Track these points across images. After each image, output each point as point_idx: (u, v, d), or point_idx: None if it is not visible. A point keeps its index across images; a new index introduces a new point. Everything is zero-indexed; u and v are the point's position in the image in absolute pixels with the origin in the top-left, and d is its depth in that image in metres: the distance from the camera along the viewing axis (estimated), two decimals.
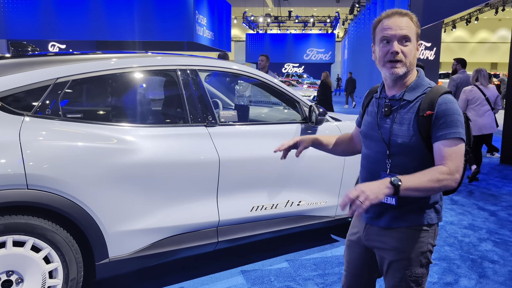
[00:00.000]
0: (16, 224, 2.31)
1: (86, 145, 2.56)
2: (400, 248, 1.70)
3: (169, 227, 2.87)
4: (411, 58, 1.67)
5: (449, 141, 1.59)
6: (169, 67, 3.10)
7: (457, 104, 1.64)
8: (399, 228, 1.71)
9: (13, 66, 2.56)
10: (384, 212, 1.73)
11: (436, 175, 1.55)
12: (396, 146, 1.67)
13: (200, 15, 13.44)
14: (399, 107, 1.69)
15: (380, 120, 1.74)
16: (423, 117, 1.62)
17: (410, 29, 1.66)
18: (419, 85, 1.70)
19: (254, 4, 32.82)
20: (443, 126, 1.60)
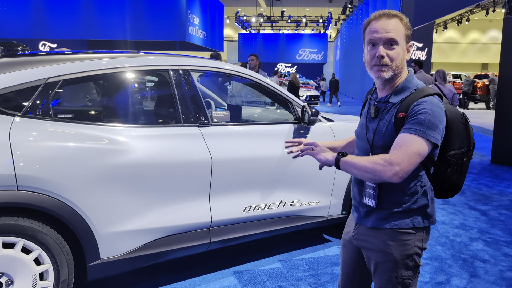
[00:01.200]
0: (6, 225, 2.28)
1: (77, 145, 2.53)
2: (385, 250, 1.70)
3: (161, 228, 2.85)
4: (398, 61, 1.65)
5: (407, 134, 1.57)
6: (161, 67, 3.08)
7: (434, 106, 1.59)
8: (385, 229, 1.70)
9: (2, 66, 2.53)
10: (371, 212, 1.74)
11: (376, 159, 1.57)
12: (379, 147, 1.68)
13: (193, 15, 13.40)
14: (385, 109, 1.70)
15: (368, 122, 1.76)
16: (398, 118, 1.62)
17: (397, 31, 1.64)
18: (405, 88, 1.68)
19: (246, 4, 32.80)
20: (409, 122, 1.59)
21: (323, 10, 34.65)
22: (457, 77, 24.96)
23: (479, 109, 20.01)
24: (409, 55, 1.70)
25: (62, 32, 12.06)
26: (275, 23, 36.86)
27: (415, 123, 1.57)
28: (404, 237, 1.68)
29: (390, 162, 1.53)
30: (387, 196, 1.69)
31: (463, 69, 35.12)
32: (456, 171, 1.70)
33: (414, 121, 1.57)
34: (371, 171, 1.56)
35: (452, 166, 1.68)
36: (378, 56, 1.63)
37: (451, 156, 1.68)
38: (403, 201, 1.67)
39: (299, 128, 3.50)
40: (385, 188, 1.69)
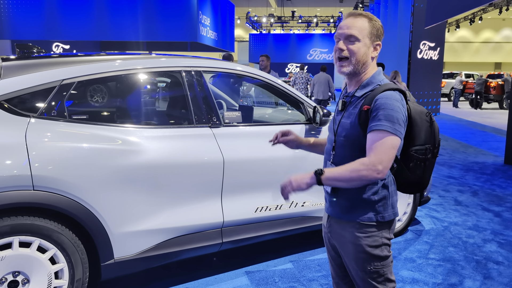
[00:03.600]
0: (22, 225, 2.32)
1: (92, 146, 2.57)
2: (354, 242, 1.77)
3: (174, 228, 2.87)
4: (359, 56, 1.73)
5: (377, 133, 1.63)
6: (174, 69, 3.10)
7: (396, 101, 1.66)
8: (352, 222, 1.77)
9: (19, 68, 2.58)
10: (335, 203, 1.82)
11: (357, 166, 1.61)
12: (342, 137, 1.77)
13: (204, 16, 13.45)
14: (350, 103, 1.80)
15: (336, 115, 1.86)
16: (362, 111, 1.70)
17: (360, 29, 1.72)
18: (370, 83, 1.77)
19: (257, 4, 32.80)
20: (375, 119, 1.65)
21: (334, 10, 34.52)
22: (470, 76, 24.70)
23: (492, 109, 19.80)
24: (376, 53, 1.77)
25: (75, 33, 12.20)
26: (286, 23, 36.80)
27: (381, 119, 1.63)
28: (371, 229, 1.75)
29: (372, 163, 1.60)
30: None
31: (476, 69, 34.76)
32: (419, 166, 1.77)
33: (380, 117, 1.64)
34: (357, 179, 1.62)
35: (415, 161, 1.76)
36: (337, 49, 1.75)
37: (414, 151, 1.76)
38: (361, 191, 1.74)
39: (311, 129, 3.50)
40: None
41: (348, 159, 1.71)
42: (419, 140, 1.76)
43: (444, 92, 24.26)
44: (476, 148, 9.37)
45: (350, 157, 1.72)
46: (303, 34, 40.01)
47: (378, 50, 1.78)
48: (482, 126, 13.42)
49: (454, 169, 7.23)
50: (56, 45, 13.34)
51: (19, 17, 12.00)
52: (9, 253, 2.31)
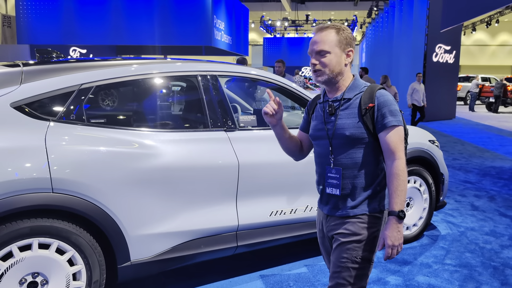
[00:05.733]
0: (41, 227, 2.36)
1: (109, 149, 2.61)
2: (353, 230, 1.87)
3: (189, 231, 2.89)
4: (332, 66, 1.88)
5: (391, 129, 1.84)
6: (189, 73, 3.14)
7: (391, 96, 1.90)
8: (357, 215, 1.89)
9: (39, 73, 2.63)
10: (343, 202, 1.91)
11: (400, 172, 1.80)
12: (344, 138, 1.87)
13: (218, 20, 13.53)
14: (341, 105, 1.91)
15: (326, 120, 1.95)
16: (366, 109, 1.86)
17: (326, 42, 1.87)
18: (356, 85, 1.94)
19: (271, 8, 32.87)
20: (385, 116, 1.84)
21: (348, 13, 34.41)
22: (486, 80, 24.38)
23: (509, 113, 19.52)
24: (349, 59, 1.92)
25: (92, 38, 12.38)
26: (300, 26, 36.80)
27: (388, 116, 1.84)
28: (373, 220, 1.89)
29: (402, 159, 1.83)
30: (350, 182, 1.89)
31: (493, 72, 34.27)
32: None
33: (386, 114, 1.84)
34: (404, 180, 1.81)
35: None
36: (311, 64, 1.92)
37: None
38: (368, 185, 1.89)
39: None
40: (348, 175, 1.89)
41: (352, 155, 1.88)
42: None
43: (460, 96, 23.99)
44: (493, 152, 9.25)
45: (353, 153, 1.88)
46: None
47: (351, 56, 1.92)
48: (499, 130, 13.24)
49: (471, 173, 7.14)
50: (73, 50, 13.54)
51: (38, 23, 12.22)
52: (28, 254, 2.35)
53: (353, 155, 1.88)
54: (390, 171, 1.82)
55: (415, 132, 4.25)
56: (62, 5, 12.11)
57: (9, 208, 2.27)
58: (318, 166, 2.03)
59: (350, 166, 1.89)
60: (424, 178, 4.08)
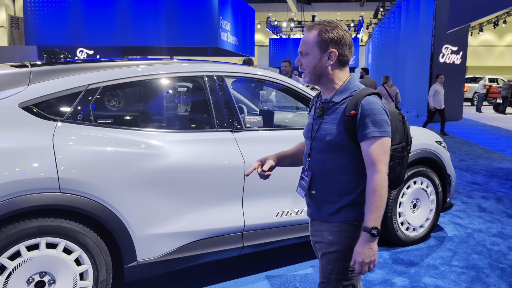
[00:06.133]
0: (49, 226, 2.38)
1: (116, 149, 2.62)
2: (332, 240, 1.83)
3: (195, 231, 2.90)
4: (311, 69, 1.83)
5: (371, 140, 1.73)
6: (196, 74, 3.14)
7: (379, 105, 1.77)
8: (335, 222, 1.83)
9: (47, 73, 2.65)
10: (321, 207, 1.87)
11: (378, 187, 1.70)
12: (325, 143, 1.82)
13: (224, 21, 13.55)
14: (328, 108, 1.86)
15: (315, 121, 1.91)
16: (348, 116, 1.77)
17: (308, 44, 1.83)
18: (347, 88, 1.84)
19: (277, 9, 32.86)
20: (367, 125, 1.73)
21: (355, 14, 34.34)
22: (494, 81, 24.22)
23: None
24: (331, 61, 1.81)
25: (99, 39, 12.45)
26: None
27: (370, 126, 1.73)
28: (352, 229, 1.81)
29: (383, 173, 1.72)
30: (327, 188, 1.84)
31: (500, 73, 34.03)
32: (398, 164, 1.88)
33: (369, 123, 1.73)
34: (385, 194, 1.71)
35: (394, 159, 1.86)
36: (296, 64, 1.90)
37: (393, 150, 1.85)
38: (347, 193, 1.81)
39: None
40: (324, 180, 1.84)
41: (326, 163, 1.83)
42: (395, 139, 1.86)
43: (467, 97, 23.85)
44: (500, 153, 9.19)
45: (327, 161, 1.82)
46: None
47: (333, 57, 1.81)
48: (506, 131, 13.15)
49: (478, 175, 7.10)
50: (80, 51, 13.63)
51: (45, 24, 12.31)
52: (36, 254, 2.37)
53: (332, 161, 1.81)
54: (368, 184, 1.73)
55: (422, 133, 4.24)
56: (70, 7, 12.20)
57: (17, 207, 2.28)
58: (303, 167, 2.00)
59: (327, 171, 1.83)
60: (431, 179, 4.06)
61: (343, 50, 1.82)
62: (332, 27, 1.81)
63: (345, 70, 1.87)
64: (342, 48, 1.82)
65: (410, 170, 3.90)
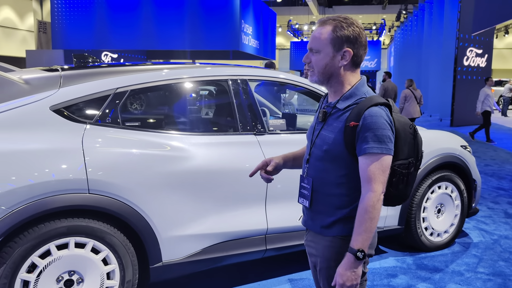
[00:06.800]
0: (78, 226, 2.44)
1: (143, 152, 2.67)
2: (327, 256, 1.72)
3: (219, 233, 2.93)
4: (320, 68, 1.68)
5: (369, 156, 1.59)
6: (220, 77, 3.18)
7: (383, 118, 1.60)
8: (328, 237, 1.72)
9: (76, 77, 2.72)
10: (315, 218, 1.76)
11: (372, 211, 1.56)
12: (322, 151, 1.70)
13: (246, 24, 13.63)
14: (331, 114, 1.72)
15: (316, 125, 1.79)
16: (349, 127, 1.62)
17: (320, 40, 1.67)
18: (353, 94, 1.69)
19: (298, 12, 32.88)
20: (367, 140, 1.59)
21: (377, 17, 34.08)
22: None
23: None
24: (344, 61, 1.67)
25: (123, 43, 12.68)
26: None
27: (370, 141, 1.58)
28: (346, 244, 1.65)
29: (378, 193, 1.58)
30: (323, 199, 1.72)
31: None
32: (402, 181, 1.71)
33: (369, 138, 1.58)
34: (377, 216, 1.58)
35: (398, 175, 1.69)
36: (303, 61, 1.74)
37: (397, 166, 1.69)
38: (343, 206, 1.68)
39: None
40: (320, 190, 1.72)
41: (323, 172, 1.70)
42: (402, 154, 1.69)
43: None
44: None
45: (324, 171, 1.70)
46: None
47: (347, 57, 1.66)
48: None
49: (504, 180, 6.96)
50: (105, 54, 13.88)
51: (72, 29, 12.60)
52: (65, 253, 2.43)
53: (329, 172, 1.69)
54: (360, 203, 1.59)
55: (447, 137, 4.19)
56: (95, 12, 12.47)
57: (47, 208, 2.35)
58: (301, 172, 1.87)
59: (324, 182, 1.71)
60: (456, 184, 4.00)
61: (358, 50, 1.67)
62: (348, 24, 1.66)
63: (357, 73, 1.72)
64: (358, 48, 1.67)
65: (435, 174, 3.86)
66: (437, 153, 3.85)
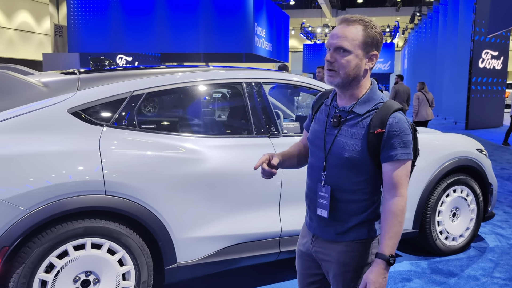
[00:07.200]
0: (94, 227, 2.47)
1: (158, 154, 2.70)
2: (344, 261, 1.69)
3: (233, 235, 2.94)
4: (349, 70, 1.62)
5: (399, 162, 1.60)
6: (235, 80, 3.20)
7: (406, 124, 1.62)
8: (344, 242, 1.70)
9: (94, 80, 2.76)
10: (330, 225, 1.72)
11: (401, 215, 1.59)
12: (342, 159, 1.65)
13: (259, 27, 13.66)
14: (347, 119, 1.67)
15: (328, 130, 1.71)
16: (374, 134, 1.60)
17: (352, 39, 1.60)
18: (370, 99, 1.67)
19: (312, 15, 32.86)
20: (394, 146, 1.60)
21: (390, 19, 33.91)
22: None
23: None
24: (371, 64, 1.65)
25: (138, 46, 12.82)
26: None
27: (398, 148, 1.60)
28: (362, 247, 1.68)
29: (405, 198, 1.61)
30: (340, 206, 1.69)
31: None
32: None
33: (396, 145, 1.60)
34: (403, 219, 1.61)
35: None
36: (326, 60, 1.64)
37: None
38: (360, 212, 1.68)
39: None
40: (338, 198, 1.68)
41: (341, 179, 1.67)
42: None
43: (508, 103, 23.08)
44: None
45: (342, 178, 1.67)
46: None
47: (374, 61, 1.65)
48: None
49: None
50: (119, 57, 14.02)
51: (87, 32, 12.77)
52: (82, 253, 2.47)
53: (348, 179, 1.66)
54: (387, 208, 1.61)
55: (462, 140, 4.15)
56: (110, 16, 12.62)
57: (65, 209, 2.39)
58: (309, 179, 1.81)
59: (341, 189, 1.68)
60: (471, 187, 3.97)
61: (379, 53, 1.68)
62: (374, 25, 1.64)
63: (369, 76, 1.72)
64: (379, 51, 1.67)
65: (450, 178, 3.83)
66: (452, 156, 3.82)
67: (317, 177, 1.74)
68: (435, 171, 3.71)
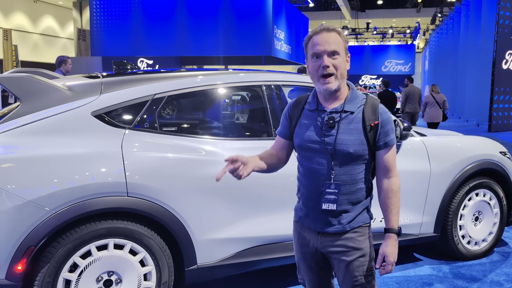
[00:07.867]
0: (117, 228, 2.52)
1: (179, 156, 2.73)
2: (355, 246, 1.85)
3: (253, 237, 2.95)
4: (342, 70, 1.79)
5: (391, 148, 1.85)
6: (254, 83, 3.22)
7: (389, 112, 1.89)
8: (353, 229, 1.86)
9: (116, 83, 2.81)
10: (338, 217, 1.85)
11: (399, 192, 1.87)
12: (347, 154, 1.79)
13: (279, 30, 13.69)
14: (342, 118, 1.81)
15: (325, 133, 1.81)
16: (371, 126, 1.81)
17: (338, 43, 1.78)
18: (355, 96, 1.85)
19: (331, 17, 32.71)
20: (388, 133, 1.84)
21: (411, 20, 33.52)
22: None
23: None
24: (348, 65, 1.85)
25: (158, 50, 13.00)
26: (360, 35, 36.31)
27: (389, 134, 1.84)
28: (367, 230, 1.90)
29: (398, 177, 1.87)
30: (346, 198, 1.84)
31: None
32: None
33: (388, 132, 1.84)
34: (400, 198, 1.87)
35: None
36: (324, 66, 1.76)
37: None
38: (362, 200, 1.87)
39: None
40: (344, 191, 1.82)
41: (346, 174, 1.82)
42: None
43: None
44: None
45: (347, 172, 1.82)
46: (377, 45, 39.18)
47: (349, 62, 1.86)
48: None
49: None
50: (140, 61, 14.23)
51: (110, 36, 13.01)
52: (105, 254, 2.51)
53: (352, 171, 1.82)
54: (387, 188, 1.85)
55: (485, 143, 4.09)
56: (132, 20, 12.83)
57: (88, 209, 2.44)
58: (310, 183, 1.87)
59: (347, 182, 1.82)
60: (495, 191, 3.90)
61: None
62: (343, 31, 1.87)
63: None
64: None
65: (472, 181, 3.77)
66: (474, 159, 3.76)
67: (322, 178, 1.84)
68: (457, 174, 3.66)
